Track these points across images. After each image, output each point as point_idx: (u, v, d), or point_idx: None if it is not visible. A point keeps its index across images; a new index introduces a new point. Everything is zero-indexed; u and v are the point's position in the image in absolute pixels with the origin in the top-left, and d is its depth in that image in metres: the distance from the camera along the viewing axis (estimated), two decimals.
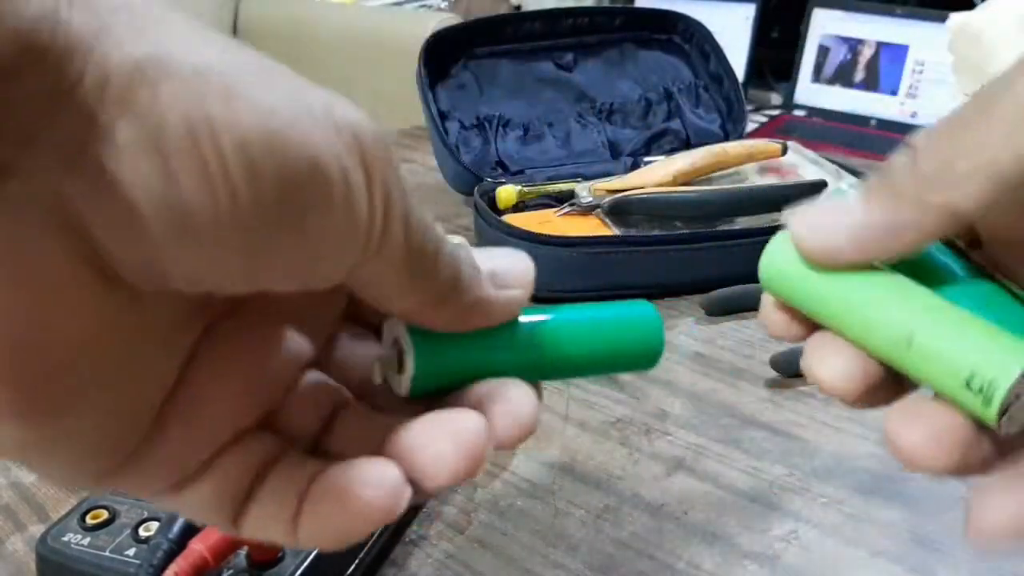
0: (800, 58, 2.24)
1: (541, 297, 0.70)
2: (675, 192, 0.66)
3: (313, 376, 0.23)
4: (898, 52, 2.10)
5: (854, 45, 2.16)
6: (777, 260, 0.24)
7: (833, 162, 0.72)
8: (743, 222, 0.64)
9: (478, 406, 0.21)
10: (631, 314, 0.26)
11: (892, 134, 2.07)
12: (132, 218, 0.16)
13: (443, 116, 0.78)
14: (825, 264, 0.22)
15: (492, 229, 0.62)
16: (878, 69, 2.14)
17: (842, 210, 0.22)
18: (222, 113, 0.16)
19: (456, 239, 0.22)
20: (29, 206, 0.15)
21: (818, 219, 0.22)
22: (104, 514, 0.37)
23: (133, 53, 0.15)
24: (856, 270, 0.22)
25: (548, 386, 0.52)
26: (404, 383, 0.22)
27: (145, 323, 0.18)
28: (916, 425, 0.20)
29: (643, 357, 0.26)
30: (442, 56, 0.80)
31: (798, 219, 0.23)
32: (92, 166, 0.15)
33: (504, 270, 0.22)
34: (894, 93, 2.11)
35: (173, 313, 0.19)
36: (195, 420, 0.20)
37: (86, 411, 0.18)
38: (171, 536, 0.32)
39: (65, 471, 0.19)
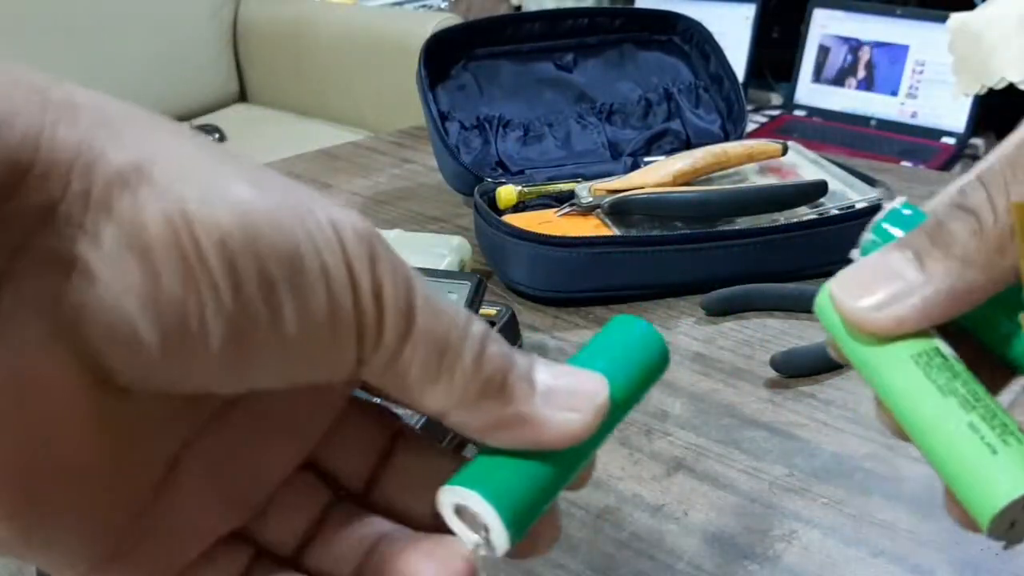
0: (800, 58, 2.24)
1: (542, 298, 0.69)
2: (675, 192, 0.66)
3: (301, 479, 0.22)
4: (898, 52, 2.10)
5: (854, 45, 2.17)
6: (828, 309, 0.23)
7: (833, 162, 0.72)
8: (743, 222, 0.64)
9: None
10: (629, 339, 0.24)
11: (892, 134, 2.07)
12: (122, 320, 0.16)
13: (443, 116, 0.78)
14: (888, 334, 0.22)
15: (492, 229, 0.62)
16: (878, 69, 2.14)
17: (894, 277, 0.21)
18: (200, 210, 0.16)
19: (456, 240, 0.21)
20: (24, 313, 0.16)
21: (874, 292, 0.22)
22: None
23: (113, 162, 0.16)
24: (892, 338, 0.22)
25: None
26: (500, 546, 0.20)
27: (135, 425, 0.18)
28: None
29: (659, 370, 0.24)
30: (442, 57, 0.80)
31: (846, 292, 0.22)
32: (83, 271, 0.16)
33: (565, 389, 0.21)
34: (894, 93, 2.11)
35: (162, 413, 0.19)
36: (171, 528, 0.20)
37: (72, 513, 0.18)
38: None
39: (49, 566, 0.19)
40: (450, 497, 0.20)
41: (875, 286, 0.22)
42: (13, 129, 0.15)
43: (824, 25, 2.24)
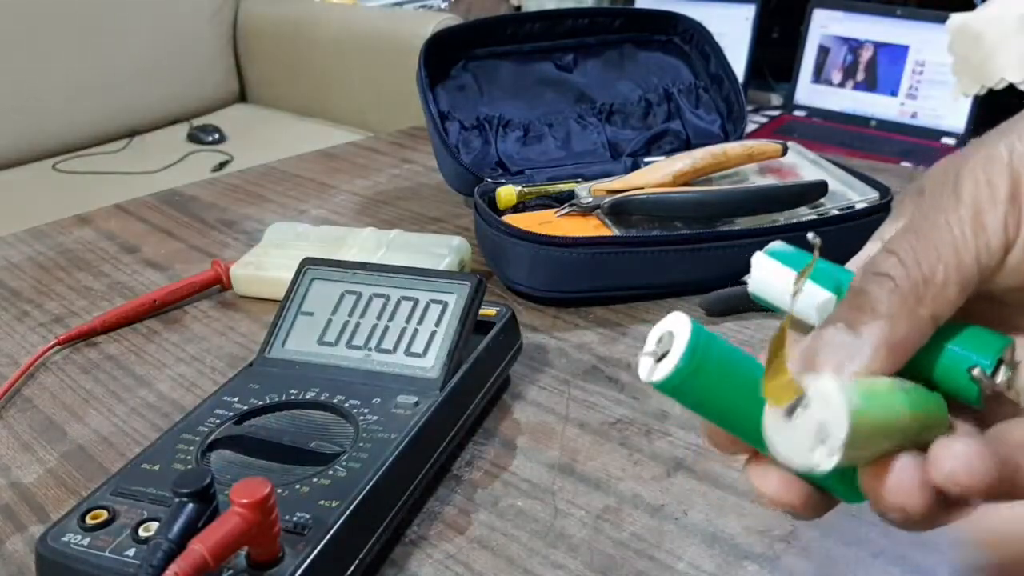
0: (800, 58, 2.24)
1: (542, 298, 0.69)
2: (675, 192, 0.66)
3: None
4: (898, 53, 2.10)
5: (854, 46, 2.17)
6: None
7: (833, 162, 0.72)
8: (743, 222, 0.64)
9: None
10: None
11: (892, 134, 2.07)
12: None
13: (443, 117, 0.78)
14: None
15: (492, 229, 0.62)
16: (878, 70, 2.14)
17: (834, 347, 0.24)
18: None
19: (456, 240, 0.22)
20: None
21: (821, 366, 0.24)
22: (104, 514, 0.37)
23: None
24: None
25: (548, 386, 0.52)
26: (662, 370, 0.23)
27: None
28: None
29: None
30: (442, 56, 0.80)
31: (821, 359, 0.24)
32: None
33: None
34: (894, 94, 2.11)
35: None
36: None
37: None
38: (171, 536, 0.32)
39: None
40: (672, 320, 0.24)
41: (819, 360, 0.24)
42: None
43: (824, 25, 2.24)
